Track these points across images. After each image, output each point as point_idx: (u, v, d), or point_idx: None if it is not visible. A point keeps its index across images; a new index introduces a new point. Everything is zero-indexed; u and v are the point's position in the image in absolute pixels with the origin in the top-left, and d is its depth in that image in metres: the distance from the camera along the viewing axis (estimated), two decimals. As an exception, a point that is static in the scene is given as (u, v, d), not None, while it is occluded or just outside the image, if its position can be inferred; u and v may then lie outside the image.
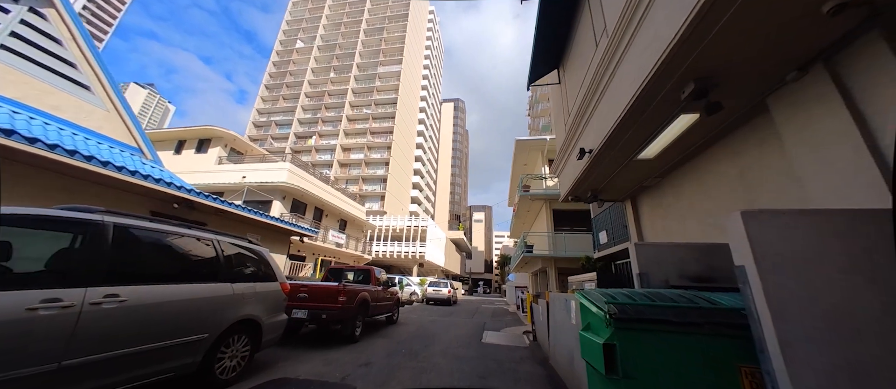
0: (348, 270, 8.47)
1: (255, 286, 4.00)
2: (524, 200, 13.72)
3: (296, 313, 5.77)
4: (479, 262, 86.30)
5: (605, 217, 8.39)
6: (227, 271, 3.67)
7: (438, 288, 20.40)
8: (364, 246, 22.75)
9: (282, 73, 53.16)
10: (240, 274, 3.85)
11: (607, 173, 5.43)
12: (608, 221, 8.18)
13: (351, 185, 43.14)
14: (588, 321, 2.82)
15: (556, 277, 12.60)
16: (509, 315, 15.36)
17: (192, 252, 3.40)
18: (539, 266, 13.70)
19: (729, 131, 3.81)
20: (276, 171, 15.22)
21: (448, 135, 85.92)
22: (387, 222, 33.61)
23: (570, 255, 11.94)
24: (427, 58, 62.03)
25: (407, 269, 34.01)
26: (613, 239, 7.77)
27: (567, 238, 12.50)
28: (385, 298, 8.73)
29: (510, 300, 27.44)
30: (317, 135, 46.65)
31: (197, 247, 3.46)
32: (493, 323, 11.45)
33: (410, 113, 51.88)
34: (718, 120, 3.66)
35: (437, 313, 14.31)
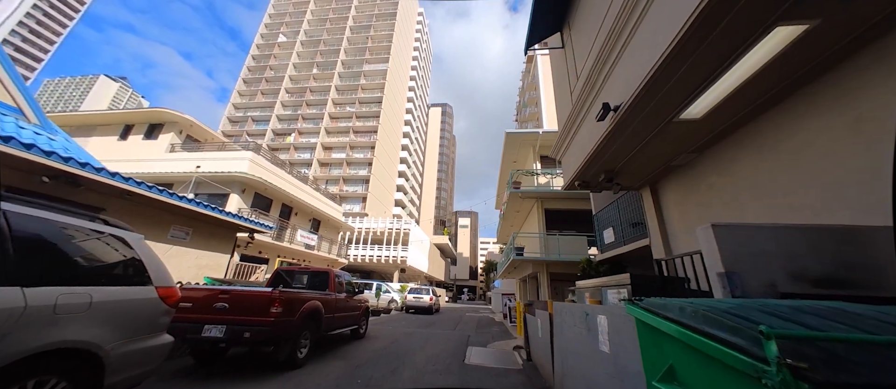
0: (302, 273, 6.86)
1: (94, 292, 2.43)
2: (514, 198, 12.49)
3: (209, 330, 4.15)
4: (464, 269, 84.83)
5: (611, 212, 7.18)
6: (20, 266, 2.09)
7: (419, 296, 18.79)
8: (340, 249, 20.92)
9: (261, 67, 50.66)
10: (54, 272, 2.28)
11: (628, 147, 4.18)
12: (615, 216, 6.97)
13: (331, 186, 40.98)
14: (670, 361, 1.44)
15: (549, 283, 11.36)
16: (496, 325, 13.96)
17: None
18: (529, 271, 12.42)
19: (837, 62, 2.60)
20: (234, 160, 13.37)
21: (435, 140, 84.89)
22: (367, 224, 31.73)
23: (566, 259, 10.73)
24: (415, 59, 60.95)
25: (388, 275, 32.13)
26: (623, 238, 6.54)
27: (561, 240, 11.32)
28: (349, 308, 7.16)
29: (496, 308, 26.04)
30: (296, 133, 44.33)
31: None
32: (478, 336, 10.01)
33: (396, 114, 50.40)
34: (825, 43, 2.45)
35: (416, 323, 12.74)
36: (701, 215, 4.25)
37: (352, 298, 7.53)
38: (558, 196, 12.37)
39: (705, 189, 4.17)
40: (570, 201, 12.56)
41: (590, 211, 12.76)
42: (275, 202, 15.53)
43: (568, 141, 5.45)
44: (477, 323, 14.51)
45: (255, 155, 13.87)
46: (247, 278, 10.78)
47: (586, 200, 12.38)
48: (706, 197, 4.17)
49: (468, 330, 11.36)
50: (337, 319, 6.44)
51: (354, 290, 7.80)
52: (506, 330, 11.83)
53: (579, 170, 5.01)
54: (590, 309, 2.99)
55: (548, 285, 11.54)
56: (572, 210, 12.66)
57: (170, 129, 15.11)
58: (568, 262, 11.04)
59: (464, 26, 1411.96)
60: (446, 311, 22.81)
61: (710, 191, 4.11)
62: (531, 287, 14.62)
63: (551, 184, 12.52)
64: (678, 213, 4.79)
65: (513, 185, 12.11)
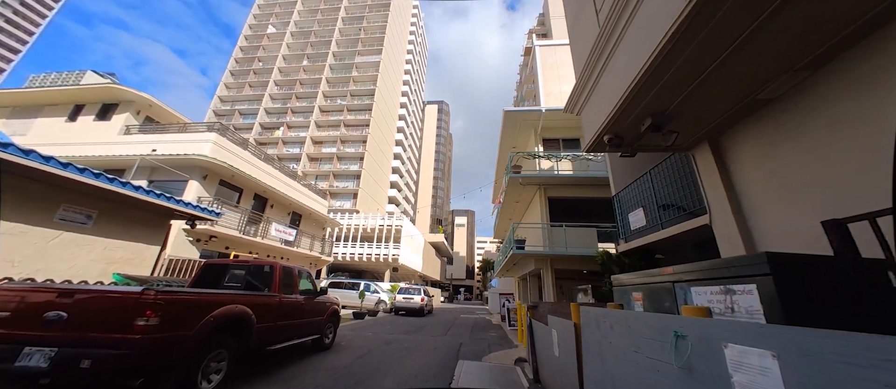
0: (238, 267, 5.24)
1: None
2: (514, 185, 10.97)
3: (28, 356, 2.55)
4: (461, 268, 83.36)
5: (640, 189, 5.65)
6: None
7: (409, 296, 17.21)
8: (324, 247, 19.29)
9: (249, 59, 48.72)
10: None
11: (698, 66, 2.65)
12: (646, 194, 5.44)
13: (321, 181, 39.22)
14: None
15: (554, 281, 9.86)
16: (493, 329, 12.43)
17: None
18: (531, 268, 10.90)
19: None
20: (195, 143, 11.71)
21: (431, 137, 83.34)
22: (355, 220, 30.06)
23: (574, 253, 9.23)
24: (410, 52, 59.30)
25: (379, 275, 30.51)
26: (659, 220, 5.01)
27: (567, 232, 9.83)
28: (305, 312, 5.58)
29: (493, 309, 24.51)
30: (285, 126, 42.50)
31: None
32: (472, 343, 8.47)
33: (390, 108, 48.71)
34: None
35: (403, 328, 11.17)
36: (815, 172, 2.71)
37: (313, 300, 5.95)
38: (564, 182, 10.86)
39: (822, 128, 2.63)
40: (577, 188, 11.05)
41: (599, 200, 11.28)
42: (246, 192, 13.86)
43: (594, 81, 3.91)
44: (472, 327, 12.97)
45: (219, 136, 12.19)
46: (186, 276, 9.12)
47: (596, 187, 10.91)
48: (823, 139, 2.64)
49: (461, 336, 9.81)
50: (284, 329, 4.85)
51: (317, 290, 6.21)
52: (505, 336, 10.30)
53: (613, 116, 3.46)
54: (693, 325, 1.43)
55: (552, 283, 10.02)
56: (580, 199, 11.15)
57: (125, 109, 13.38)
58: (576, 257, 9.53)
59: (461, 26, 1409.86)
60: (440, 313, 21.25)
61: (831, 130, 2.58)
62: (533, 285, 13.11)
63: (555, 170, 11.01)
64: (762, 175, 3.26)
65: (512, 170, 10.58)
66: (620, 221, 6.29)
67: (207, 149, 11.68)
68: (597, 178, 10.36)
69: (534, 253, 9.71)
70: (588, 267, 10.13)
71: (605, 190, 11.09)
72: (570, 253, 9.35)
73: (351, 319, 13.30)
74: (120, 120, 13.22)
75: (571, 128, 12.48)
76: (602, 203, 11.54)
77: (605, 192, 11.12)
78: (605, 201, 11.38)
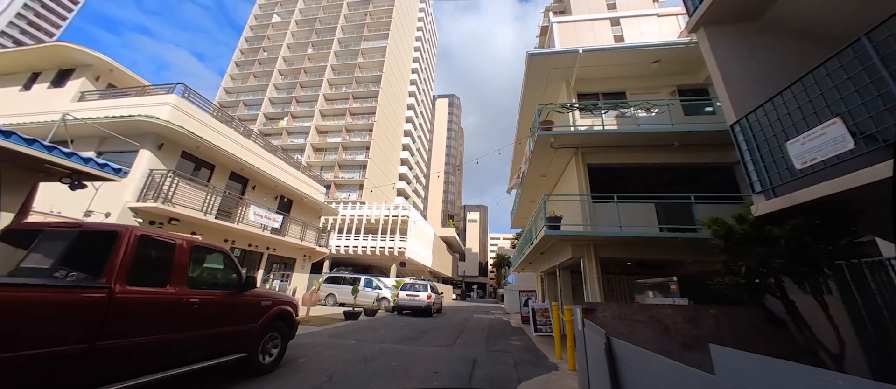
0: (57, 234, 2.88)
1: None
2: (542, 149, 8.36)
3: None
4: (473, 265, 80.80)
5: (806, 97, 2.96)
6: None
7: (414, 293, 14.86)
8: (320, 237, 17.21)
9: (254, 50, 47.48)
10: None
11: None
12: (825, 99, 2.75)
13: (326, 172, 37.46)
14: None
15: (600, 276, 7.23)
16: (514, 334, 9.89)
17: None
18: (565, 257, 8.27)
19: None
20: (150, 106, 9.68)
21: (442, 132, 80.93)
22: (359, 211, 27.94)
23: (632, 234, 6.57)
24: (418, 40, 56.84)
25: (386, 269, 28.38)
26: None
27: (622, 208, 7.16)
28: (211, 318, 3.24)
29: (510, 307, 21.88)
30: (289, 117, 40.95)
31: None
32: (491, 360, 5.98)
33: (397, 96, 46.48)
34: None
35: (402, 332, 8.80)
36: None
37: (235, 297, 3.62)
38: (611, 142, 8.16)
39: None
40: (627, 152, 8.33)
41: (657, 168, 8.37)
42: (220, 170, 11.78)
43: None
44: (488, 331, 10.48)
45: (180, 99, 10.08)
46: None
47: (654, 150, 8.05)
48: None
49: (474, 346, 7.34)
50: (135, 350, 2.51)
51: (241, 280, 3.86)
52: (532, 346, 7.76)
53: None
54: None
55: (598, 277, 7.38)
56: (630, 166, 8.44)
57: (83, 74, 11.52)
58: (633, 241, 6.87)
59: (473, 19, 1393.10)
60: (450, 312, 18.84)
61: None
62: (564, 281, 10.47)
63: (600, 126, 8.32)
64: None
65: (541, 126, 7.96)
66: (757, 164, 3.60)
67: (164, 112, 9.59)
68: (659, 134, 7.62)
69: (574, 234, 7.10)
70: (648, 254, 7.42)
71: (665, 152, 8.32)
72: (626, 234, 6.69)
73: (341, 320, 11.06)
74: (75, 86, 11.35)
75: (617, 79, 9.73)
76: (660, 172, 8.71)
77: (666, 156, 8.36)
78: (663, 170, 8.55)
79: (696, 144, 7.85)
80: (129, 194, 8.79)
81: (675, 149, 8.09)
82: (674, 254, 7.45)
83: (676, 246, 7.14)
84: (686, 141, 7.72)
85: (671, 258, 7.61)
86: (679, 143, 7.84)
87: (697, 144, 7.84)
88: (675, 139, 7.74)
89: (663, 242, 6.91)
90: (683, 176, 8.50)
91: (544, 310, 10.25)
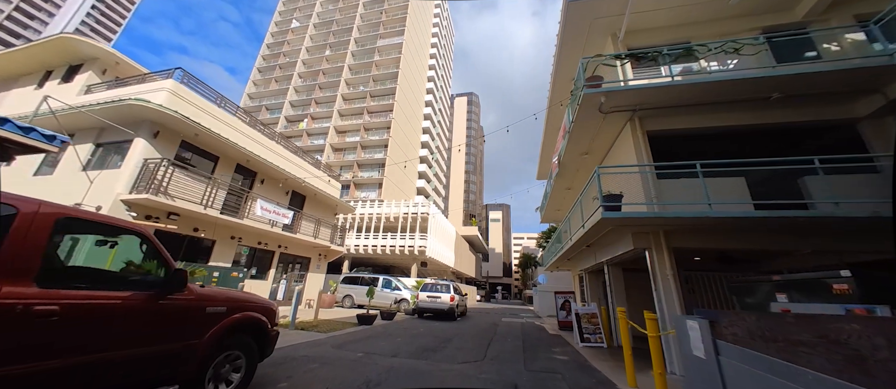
0: None
1: None
2: (588, 112, 6.64)
3: None
4: (497, 265, 78.60)
5: None
6: None
7: (436, 295, 13.46)
8: (335, 235, 16.28)
9: (275, 55, 48.42)
10: None
11: None
12: None
13: (345, 172, 37.11)
14: None
15: (676, 274, 5.43)
16: (555, 343, 8.18)
17: None
18: (623, 248, 6.51)
19: None
20: (148, 92, 8.98)
21: (462, 130, 79.62)
22: (377, 209, 27.01)
23: (729, 214, 4.76)
24: (435, 36, 55.81)
25: (407, 269, 27.27)
26: None
27: (692, 184, 5.38)
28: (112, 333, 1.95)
29: (541, 310, 19.93)
30: (309, 118, 41.12)
31: None
32: (535, 378, 4.43)
33: (415, 92, 45.58)
34: None
35: (418, 341, 7.39)
36: None
37: (152, 299, 2.34)
38: (682, 99, 6.32)
39: None
40: (700, 112, 6.46)
41: (739, 132, 6.34)
42: (224, 161, 10.99)
43: None
44: (522, 339, 8.86)
45: (178, 84, 9.31)
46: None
47: (739, 109, 6.10)
48: None
49: (510, 360, 5.80)
50: None
51: (169, 274, 2.58)
52: (580, 361, 6.09)
53: None
54: None
55: (673, 274, 5.60)
56: (705, 132, 6.56)
57: (89, 67, 11.16)
58: (719, 226, 5.06)
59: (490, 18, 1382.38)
60: (475, 315, 17.27)
61: None
62: (616, 279, 8.63)
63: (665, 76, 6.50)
64: None
65: (587, 83, 6.28)
66: None
67: (159, 97, 8.83)
68: (749, 85, 5.72)
69: (643, 216, 5.36)
70: (743, 243, 5.53)
71: (753, 110, 6.30)
72: (721, 214, 4.88)
73: (354, 324, 9.85)
74: (82, 79, 10.99)
75: (680, 27, 7.83)
76: (745, 139, 6.58)
77: (754, 115, 6.32)
78: (750, 135, 6.40)
79: (804, 95, 5.86)
80: (121, 185, 8.03)
81: (769, 106, 6.14)
82: (783, 242, 5.52)
83: (784, 230, 5.23)
84: (792, 89, 5.75)
85: (778, 248, 5.67)
86: (779, 95, 5.89)
87: (807, 95, 5.85)
88: (776, 89, 5.80)
89: (761, 226, 5.04)
90: (779, 142, 6.49)
91: (591, 315, 8.50)
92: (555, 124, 12.43)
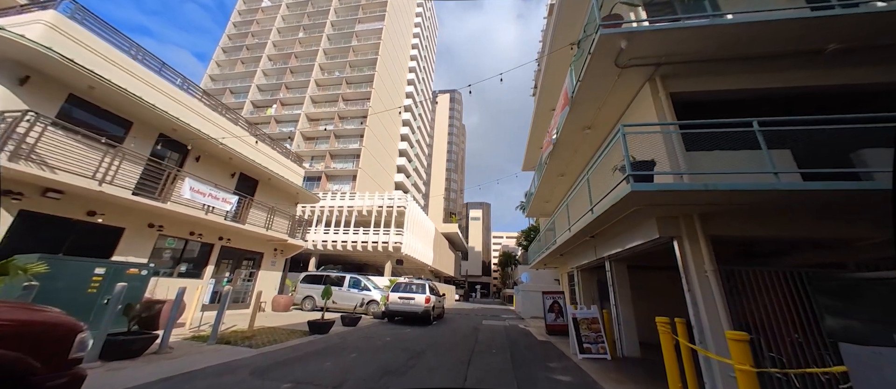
0: None
1: None
2: (601, 66, 5.22)
3: None
4: (477, 264, 77.72)
5: None
6: None
7: (408, 296, 11.75)
8: (295, 227, 14.14)
9: (242, 35, 44.53)
10: None
11: None
12: None
13: (316, 163, 34.42)
14: None
15: (718, 270, 4.10)
16: (546, 351, 6.70)
17: None
18: (642, 239, 5.14)
19: None
20: (18, 25, 6.67)
21: (444, 128, 78.09)
22: (349, 201, 24.83)
23: (806, 186, 3.45)
24: (418, 26, 53.76)
25: (382, 267, 25.26)
26: None
27: (723, 157, 4.09)
28: None
29: (524, 311, 18.67)
30: (278, 104, 37.94)
31: None
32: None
33: (395, 82, 43.40)
34: None
35: (383, 354, 5.62)
36: None
37: None
38: (716, 52, 4.99)
39: None
40: (736, 70, 5.18)
41: (782, 96, 4.97)
42: (140, 127, 8.68)
43: None
44: (509, 348, 7.34)
45: (63, 18, 6.99)
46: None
47: (784, 67, 4.68)
48: None
49: (499, 382, 4.23)
50: None
51: None
52: (586, 381, 4.61)
53: None
54: None
55: (714, 271, 4.25)
56: (741, 95, 5.30)
57: (-46, 1, 8.46)
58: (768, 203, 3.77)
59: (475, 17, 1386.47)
60: (453, 317, 15.70)
61: None
62: (620, 277, 7.30)
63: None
64: None
65: (604, 22, 4.81)
66: None
67: (34, 32, 6.51)
68: (805, 25, 4.46)
69: (670, 188, 3.92)
70: (798, 230, 4.26)
71: (803, 68, 4.89)
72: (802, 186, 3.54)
73: (304, 333, 7.97)
74: (-58, 15, 8.26)
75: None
76: (788, 104, 5.21)
77: (803, 75, 4.92)
78: (795, 99, 5.02)
79: (869, 49, 4.68)
80: (-39, 147, 5.69)
81: (821, 64, 4.94)
82: (836, 229, 4.31)
83: (840, 213, 4.01)
84: (855, 38, 4.55)
85: (832, 235, 4.46)
86: (836, 46, 4.68)
87: (873, 49, 4.67)
88: (834, 37, 4.58)
89: (827, 208, 3.77)
90: (829, 111, 5.35)
91: (592, 321, 7.12)
92: (546, 105, 11.08)
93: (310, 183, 32.51)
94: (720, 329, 4.10)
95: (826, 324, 3.26)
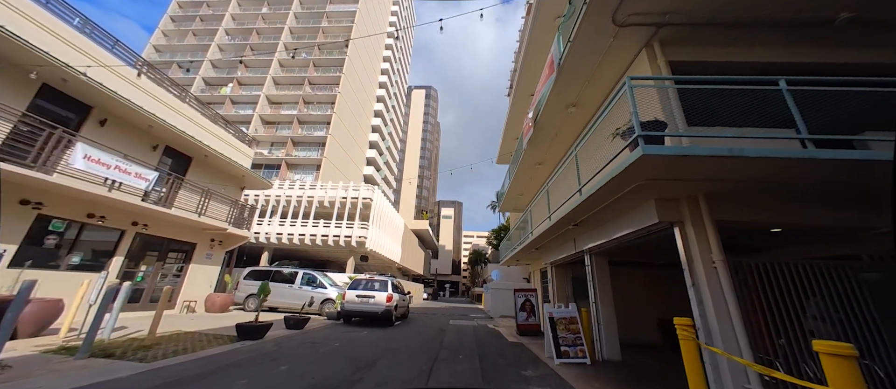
0: None
1: None
2: (595, 25, 4.44)
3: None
4: (447, 263, 77.11)
5: None
6: None
7: (366, 294, 10.49)
8: (240, 214, 12.22)
9: (196, 4, 40.04)
10: None
11: None
12: None
13: (277, 150, 31.66)
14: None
15: (727, 260, 3.45)
16: (517, 354, 5.84)
17: None
18: (636, 227, 4.42)
19: None
20: None
21: (418, 124, 76.72)
22: (309, 191, 22.81)
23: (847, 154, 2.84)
24: (394, 14, 51.83)
25: (343, 263, 23.51)
26: None
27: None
28: None
29: (494, 310, 17.99)
30: (235, 82, 34.46)
31: None
32: None
33: (368, 71, 41.33)
34: None
35: (324, 365, 4.36)
36: None
37: None
38: (725, 14, 4.37)
39: None
40: (739, 38, 4.62)
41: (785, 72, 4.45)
42: (13, 75, 6.65)
43: None
44: (477, 352, 6.39)
45: None
46: None
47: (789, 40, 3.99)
48: None
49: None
50: None
51: None
52: None
53: None
54: None
55: (722, 261, 3.56)
56: (746, 68, 4.75)
57: None
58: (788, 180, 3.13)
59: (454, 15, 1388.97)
60: (419, 317, 14.60)
61: None
62: (600, 273, 6.64)
63: None
64: None
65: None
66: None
67: None
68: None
69: (708, 153, 3.12)
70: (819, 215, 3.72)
71: (809, 42, 4.13)
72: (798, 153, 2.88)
73: (231, 339, 6.50)
74: None
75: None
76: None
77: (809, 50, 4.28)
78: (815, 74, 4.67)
79: (887, 25, 4.28)
80: None
81: (832, 35, 4.49)
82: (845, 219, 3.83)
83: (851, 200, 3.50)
84: (869, 6, 4.10)
85: (842, 224, 3.98)
86: (848, 15, 4.23)
87: (892, 26, 4.27)
88: (849, 3, 4.11)
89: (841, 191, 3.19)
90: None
91: (570, 321, 6.39)
92: (523, 92, 10.35)
93: (268, 171, 29.76)
94: (731, 330, 3.41)
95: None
